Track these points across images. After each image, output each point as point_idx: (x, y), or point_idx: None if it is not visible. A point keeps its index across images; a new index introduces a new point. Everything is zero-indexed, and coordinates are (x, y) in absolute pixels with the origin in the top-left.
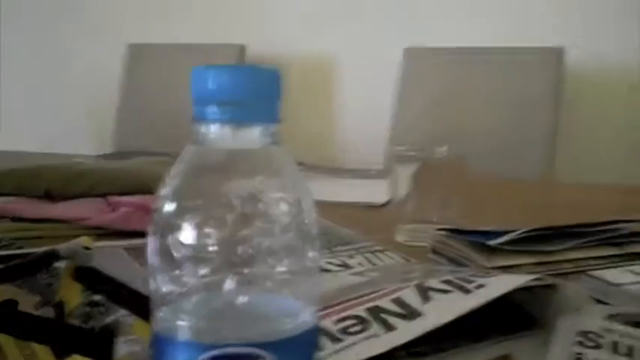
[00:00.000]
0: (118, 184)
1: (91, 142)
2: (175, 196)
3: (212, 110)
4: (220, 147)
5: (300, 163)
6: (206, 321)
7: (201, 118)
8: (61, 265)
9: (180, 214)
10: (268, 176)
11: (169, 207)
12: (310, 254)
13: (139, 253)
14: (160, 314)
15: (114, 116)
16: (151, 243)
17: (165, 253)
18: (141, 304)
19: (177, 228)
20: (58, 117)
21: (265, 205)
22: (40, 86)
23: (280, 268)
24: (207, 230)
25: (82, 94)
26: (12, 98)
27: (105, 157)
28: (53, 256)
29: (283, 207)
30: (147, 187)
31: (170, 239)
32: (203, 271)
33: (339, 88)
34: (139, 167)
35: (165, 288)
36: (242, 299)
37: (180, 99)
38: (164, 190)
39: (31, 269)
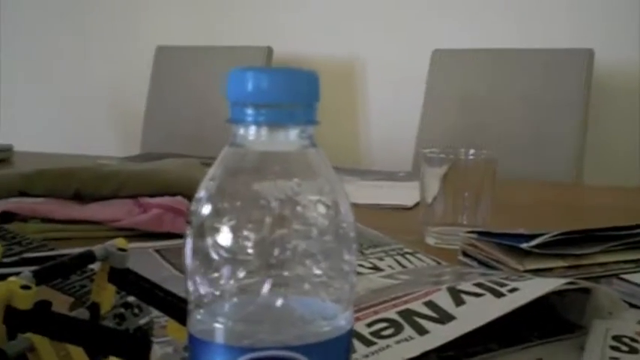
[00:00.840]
0: (148, 186)
1: (117, 144)
2: (213, 199)
3: (249, 112)
4: (257, 149)
5: None
6: (243, 324)
7: (238, 120)
8: (95, 266)
9: (217, 216)
10: (305, 178)
11: (207, 209)
12: (347, 257)
13: (170, 254)
14: (197, 316)
15: (141, 118)
16: (189, 245)
17: (203, 255)
18: (175, 306)
19: (215, 230)
20: (85, 119)
21: (303, 207)
22: (67, 88)
23: (317, 271)
24: (245, 233)
25: (109, 96)
26: (39, 99)
27: (131, 159)
28: (88, 257)
29: (321, 209)
30: (176, 188)
31: (208, 241)
32: (240, 273)
33: (365, 91)
34: (168, 169)
35: (203, 290)
36: (279, 302)
37: (208, 101)
38: (201, 193)
39: (66, 271)
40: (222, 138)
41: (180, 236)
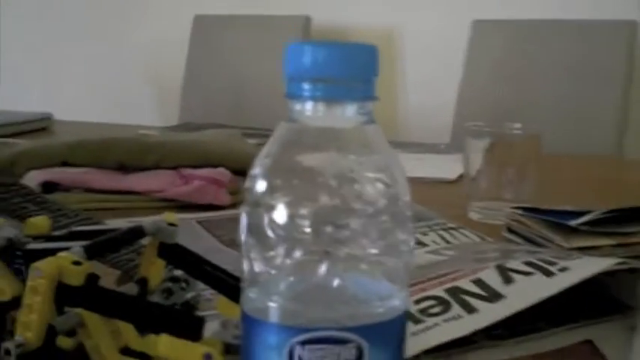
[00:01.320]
0: (190, 157)
1: (156, 113)
2: (268, 175)
3: (306, 87)
4: (314, 125)
5: None
6: (297, 303)
7: (295, 95)
8: (143, 240)
9: (273, 193)
10: (363, 155)
11: (262, 186)
12: (403, 236)
13: (212, 225)
14: (251, 295)
15: (179, 88)
16: (244, 222)
17: (258, 233)
18: (224, 282)
19: (270, 208)
20: (124, 88)
21: (360, 185)
22: (106, 57)
23: (374, 250)
24: (302, 211)
25: (148, 66)
26: (77, 69)
27: (171, 129)
28: (138, 232)
29: (378, 187)
30: (218, 160)
31: (264, 219)
32: (296, 252)
33: (404, 61)
34: (210, 140)
35: (257, 268)
36: (334, 282)
37: (246, 70)
38: (256, 169)
39: (116, 246)
40: (260, 108)
41: (223, 208)
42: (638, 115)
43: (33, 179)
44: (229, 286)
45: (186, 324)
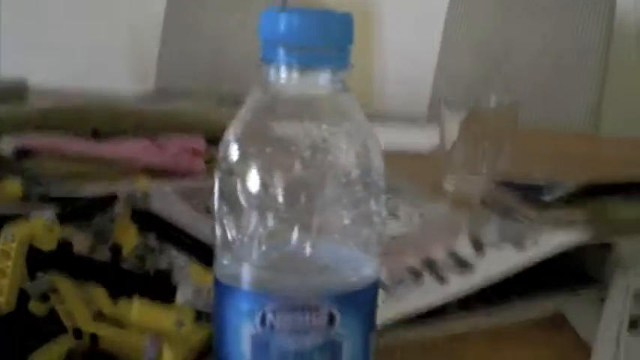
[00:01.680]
0: (165, 125)
1: (131, 79)
2: (242, 142)
3: (281, 54)
4: (288, 92)
5: None
6: (270, 270)
7: (269, 61)
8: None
9: (247, 160)
10: (337, 124)
11: (235, 153)
12: (376, 206)
13: (188, 194)
14: (224, 261)
15: (155, 54)
16: (216, 189)
17: (231, 200)
18: (197, 249)
19: (243, 176)
20: (100, 54)
21: (333, 154)
22: (81, 21)
23: (346, 220)
24: (274, 179)
25: (123, 30)
26: (52, 33)
27: (146, 95)
28: (111, 199)
29: (351, 156)
30: (194, 129)
31: (237, 187)
32: (269, 219)
33: (380, 30)
34: (186, 109)
35: (230, 235)
36: (307, 250)
37: (221, 38)
38: (230, 136)
39: (89, 212)
40: (237, 74)
41: (198, 176)
42: (614, 93)
43: (6, 145)
44: (202, 253)
45: (158, 290)
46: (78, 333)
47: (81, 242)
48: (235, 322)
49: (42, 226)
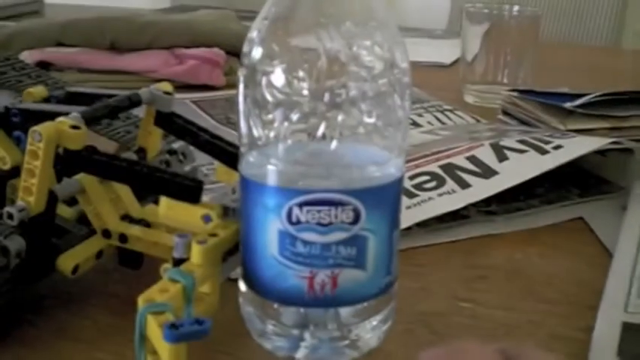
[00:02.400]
0: (184, 37)
1: None
2: (266, 39)
3: None
4: None
5: None
6: (295, 166)
7: None
8: (139, 112)
9: (271, 57)
10: (362, 21)
11: (260, 50)
12: (400, 103)
13: (207, 105)
14: (250, 159)
15: None
16: (241, 86)
17: (257, 96)
18: (223, 149)
19: (268, 71)
20: None
21: (358, 50)
22: None
23: (371, 116)
24: (299, 74)
25: None
26: None
27: (163, 11)
28: (135, 99)
29: (377, 53)
30: (213, 39)
31: (262, 82)
32: (294, 115)
33: None
34: (204, 20)
35: (256, 132)
36: (332, 146)
37: None
38: (254, 33)
39: (113, 112)
40: None
41: (217, 88)
42: (636, 6)
43: (27, 59)
44: (227, 153)
45: (185, 186)
46: (107, 233)
47: (106, 148)
48: (262, 217)
49: (68, 126)
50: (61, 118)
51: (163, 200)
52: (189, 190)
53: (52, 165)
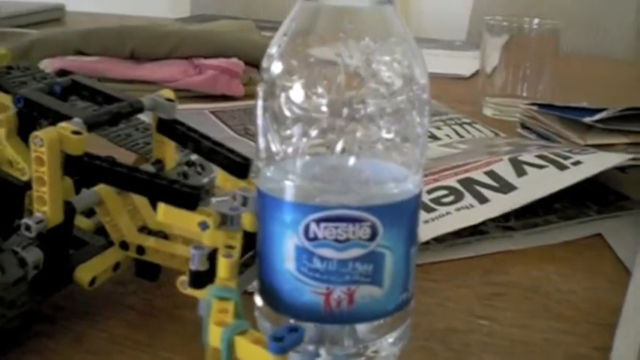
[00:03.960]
0: (203, 47)
1: (167, 4)
2: (285, 55)
3: None
4: (331, 4)
5: None
6: (313, 182)
7: None
8: (147, 119)
9: (290, 72)
10: (381, 36)
11: (279, 66)
12: (419, 119)
13: (225, 116)
14: (267, 174)
15: None
16: (260, 101)
17: (275, 111)
18: (224, 156)
19: (287, 86)
20: None
21: (377, 66)
22: None
23: (389, 133)
24: (318, 90)
25: None
26: None
27: (183, 20)
28: (137, 106)
29: (395, 69)
30: (232, 50)
31: (281, 97)
32: (313, 131)
33: None
34: (224, 30)
35: (274, 147)
36: (350, 162)
37: None
38: (273, 49)
39: (115, 118)
40: (272, 1)
41: (236, 98)
42: None
43: (47, 68)
44: (230, 160)
45: (183, 193)
46: (124, 245)
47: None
48: (279, 232)
49: (70, 131)
50: (62, 124)
51: (161, 206)
52: (187, 197)
53: (61, 172)
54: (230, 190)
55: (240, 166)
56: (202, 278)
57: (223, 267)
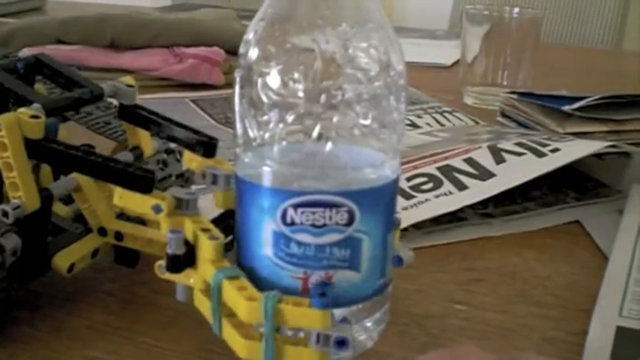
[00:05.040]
0: (184, 35)
1: None
2: (262, 41)
3: None
4: None
5: None
6: (290, 167)
7: None
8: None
9: (267, 58)
10: (357, 22)
11: (256, 51)
12: (396, 105)
13: (206, 104)
14: (245, 159)
15: None
16: (237, 87)
17: (253, 97)
18: (190, 138)
19: (264, 72)
20: None
21: (354, 52)
22: None
23: (367, 118)
24: (295, 75)
25: None
26: None
27: (164, 9)
28: (97, 92)
29: (372, 55)
30: (213, 39)
31: (257, 83)
32: (289, 117)
33: None
34: (205, 19)
35: (252, 133)
36: (327, 148)
37: None
38: (250, 34)
39: (75, 105)
40: None
41: (217, 87)
42: (638, 7)
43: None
44: (194, 141)
45: (137, 176)
46: (102, 231)
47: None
48: (257, 218)
49: (28, 116)
50: (21, 109)
51: (117, 190)
52: (141, 180)
53: (27, 156)
54: (195, 168)
55: (206, 145)
56: (180, 262)
57: (211, 250)
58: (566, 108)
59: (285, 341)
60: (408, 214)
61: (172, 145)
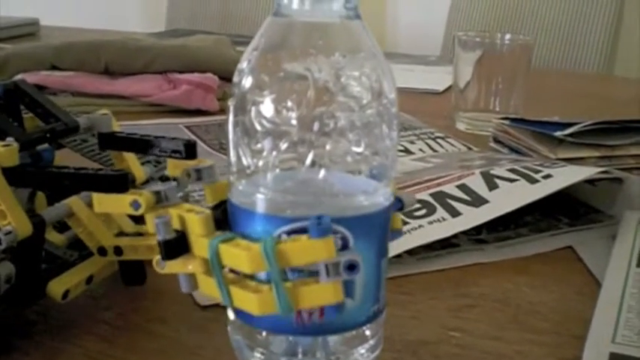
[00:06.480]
0: (178, 62)
1: (142, 20)
2: (256, 70)
3: None
4: (301, 19)
5: None
6: (284, 195)
7: None
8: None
9: (261, 87)
10: (349, 51)
11: (250, 80)
12: (389, 132)
13: (201, 130)
14: (239, 187)
15: None
16: (231, 115)
17: (246, 125)
18: (172, 149)
19: (258, 101)
20: None
21: (347, 80)
22: None
23: (359, 146)
24: (288, 104)
25: None
26: None
27: (157, 35)
28: (73, 127)
29: (364, 83)
30: (206, 65)
31: (251, 112)
32: (283, 145)
33: None
34: (198, 45)
35: (245, 161)
36: (320, 175)
37: None
38: (244, 64)
39: (50, 137)
40: (248, 16)
41: (211, 113)
42: (629, 32)
43: None
44: (174, 147)
45: (110, 177)
46: (102, 251)
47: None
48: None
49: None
50: None
51: (94, 196)
52: (114, 180)
53: (7, 183)
54: (179, 176)
55: (187, 148)
56: (173, 247)
57: (200, 224)
58: (558, 134)
59: (295, 285)
60: (402, 240)
61: (167, 172)
